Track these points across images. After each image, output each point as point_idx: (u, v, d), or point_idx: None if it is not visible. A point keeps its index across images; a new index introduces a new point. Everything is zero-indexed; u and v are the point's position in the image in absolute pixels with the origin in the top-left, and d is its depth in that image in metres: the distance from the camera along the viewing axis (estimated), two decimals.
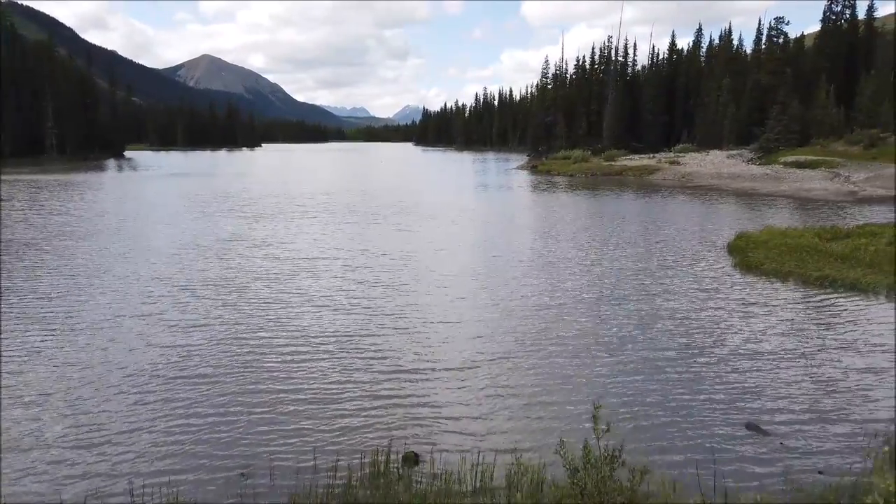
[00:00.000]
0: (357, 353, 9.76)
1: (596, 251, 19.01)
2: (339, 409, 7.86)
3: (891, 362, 9.50)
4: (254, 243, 19.99)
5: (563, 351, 9.92)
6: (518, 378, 8.90)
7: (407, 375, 8.96)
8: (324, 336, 10.59)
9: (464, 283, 14.52)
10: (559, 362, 9.44)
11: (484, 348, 10.04)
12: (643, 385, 8.72)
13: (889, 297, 13.39)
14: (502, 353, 9.83)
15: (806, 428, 7.48)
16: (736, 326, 11.33)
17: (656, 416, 7.83)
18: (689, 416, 7.87)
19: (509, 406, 8.02)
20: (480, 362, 9.44)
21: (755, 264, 16.17)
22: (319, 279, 14.84)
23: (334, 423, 7.49)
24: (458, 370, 9.17)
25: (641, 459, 6.75)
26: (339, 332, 10.78)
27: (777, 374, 9.11)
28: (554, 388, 8.56)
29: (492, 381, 8.76)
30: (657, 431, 7.45)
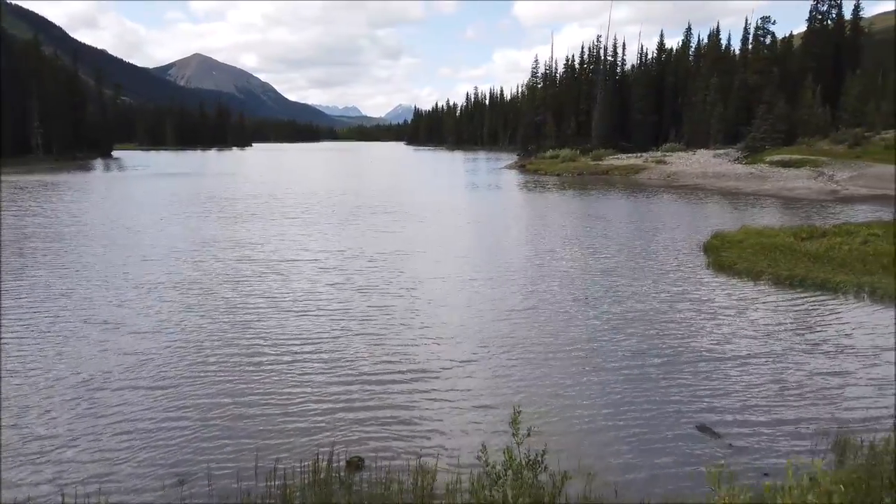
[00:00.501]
0: (315, 359, 9.63)
1: (572, 252, 18.96)
2: (290, 415, 7.75)
3: (857, 365, 9.46)
4: (228, 245, 19.83)
5: (525, 355, 9.81)
6: (476, 383, 8.81)
7: (363, 380, 8.85)
8: (283, 341, 10.45)
9: (435, 285, 14.38)
10: (519, 367, 9.34)
11: (446, 353, 9.92)
12: (599, 388, 8.66)
13: (858, 296, 13.41)
14: (464, 357, 9.69)
15: (759, 430, 7.44)
16: (700, 328, 11.31)
17: (609, 419, 7.77)
18: (642, 418, 7.81)
19: (463, 411, 7.93)
20: (439, 367, 9.34)
21: (727, 264, 16.17)
22: (289, 282, 14.70)
23: (282, 429, 7.39)
24: (416, 375, 9.08)
25: (588, 462, 6.74)
26: (300, 337, 10.64)
27: (737, 375, 9.07)
28: (510, 392, 8.47)
29: (450, 386, 8.67)
30: (608, 434, 7.39)
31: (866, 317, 11.97)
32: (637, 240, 21.41)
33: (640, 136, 79.77)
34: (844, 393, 8.44)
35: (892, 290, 13.34)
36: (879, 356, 9.74)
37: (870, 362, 9.51)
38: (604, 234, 22.47)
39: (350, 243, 20.10)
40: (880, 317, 11.94)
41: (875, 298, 13.14)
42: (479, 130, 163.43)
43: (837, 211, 29.13)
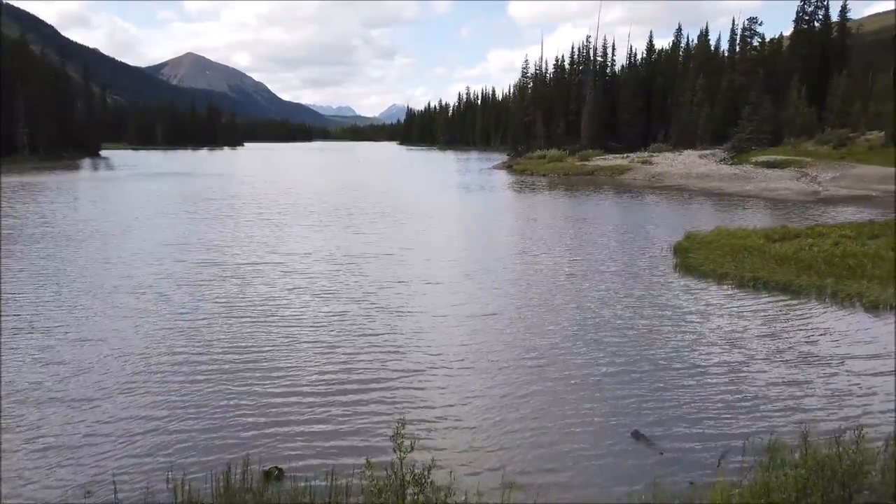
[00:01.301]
0: (255, 368, 9.32)
1: (544, 255, 18.76)
2: (217, 427, 7.51)
3: (815, 374, 9.29)
4: (193, 247, 19.59)
5: (475, 364, 9.49)
6: (422, 394, 8.55)
7: (301, 392, 8.56)
8: (227, 350, 10.14)
9: (395, 290, 14.04)
10: (467, 377, 9.03)
11: (393, 363, 9.58)
12: (543, 398, 8.47)
13: (820, 299, 13.31)
14: (412, 367, 9.37)
15: (694, 438, 7.28)
16: (654, 332, 11.15)
17: (546, 425, 7.61)
18: (579, 424, 7.66)
19: (389, 422, 7.72)
20: (385, 378, 9.02)
21: (694, 266, 16.05)
22: (249, 286, 14.43)
23: (201, 440, 7.18)
24: (359, 386, 8.82)
25: (522, 468, 6.60)
26: (245, 345, 10.31)
27: (686, 384, 8.86)
28: (454, 404, 8.21)
29: (392, 397, 8.41)
30: (541, 440, 7.24)
31: (829, 322, 11.84)
32: (612, 241, 21.29)
33: (629, 136, 79.76)
34: (798, 404, 8.20)
35: (854, 291, 13.25)
36: (842, 364, 9.47)
37: (830, 371, 9.28)
38: (579, 236, 22.35)
39: (320, 246, 19.89)
40: (843, 322, 11.82)
41: (837, 301, 13.06)
42: (471, 131, 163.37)
43: (817, 212, 29.12)
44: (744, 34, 68.67)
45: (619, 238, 21.87)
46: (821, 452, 4.77)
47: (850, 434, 5.01)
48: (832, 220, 25.60)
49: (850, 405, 8.10)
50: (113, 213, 28.14)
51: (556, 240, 21.49)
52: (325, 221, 25.77)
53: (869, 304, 12.62)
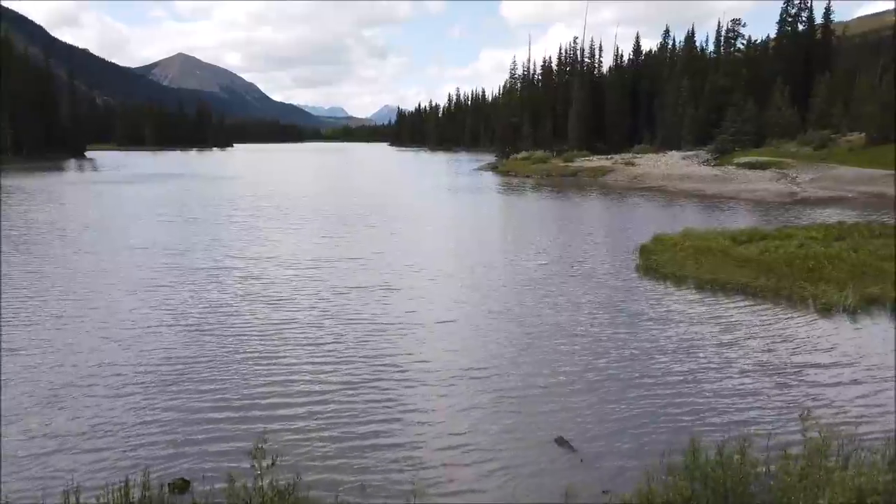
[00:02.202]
0: (186, 380, 9.02)
1: (510, 259, 18.56)
2: (121, 442, 7.30)
3: (759, 382, 9.18)
4: (153, 250, 19.36)
5: (418, 377, 9.17)
6: (358, 407, 8.31)
7: (231, 406, 8.32)
8: (161, 360, 9.88)
9: (350, 297, 13.64)
10: (404, 391, 8.70)
11: (334, 374, 9.25)
12: (470, 400, 8.35)
13: (775, 301, 13.24)
14: (350, 380, 9.00)
15: (617, 446, 7.14)
16: (607, 340, 10.88)
17: (476, 432, 7.47)
18: (505, 431, 7.52)
19: (325, 439, 7.52)
20: (318, 391, 8.67)
21: (656, 268, 15.96)
22: (202, 291, 14.13)
23: (110, 452, 7.00)
24: (291, 400, 8.52)
25: (434, 476, 6.44)
26: (181, 356, 9.96)
27: (625, 394, 8.67)
28: (385, 420, 7.98)
29: (325, 411, 8.17)
30: (465, 447, 7.10)
31: (783, 327, 11.74)
32: (583, 243, 21.19)
33: (616, 137, 79.88)
34: (744, 416, 8.03)
35: (809, 294, 13.19)
36: (795, 374, 9.29)
37: (780, 381, 9.13)
38: (551, 239, 22.22)
39: (283, 250, 19.63)
40: (798, 326, 11.72)
41: (791, 304, 12.99)
42: (461, 132, 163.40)
43: (791, 213, 29.16)
44: (728, 36, 68.86)
45: (589, 240, 21.78)
46: (713, 464, 4.64)
47: (750, 443, 4.89)
48: (805, 221, 25.64)
49: (792, 418, 7.98)
50: (77, 218, 27.83)
51: (527, 243, 21.36)
52: (296, 225, 25.57)
53: (822, 306, 12.56)
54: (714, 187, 38.98)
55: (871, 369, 9.46)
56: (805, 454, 4.46)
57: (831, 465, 4.43)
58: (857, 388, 8.79)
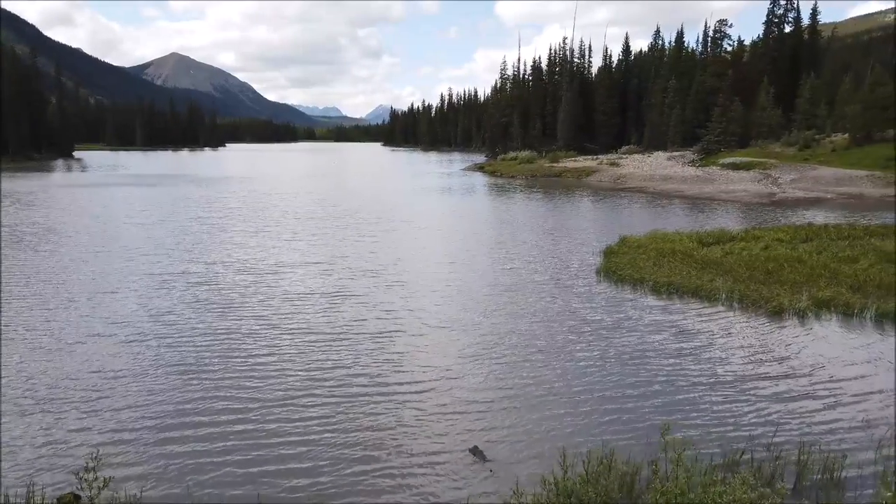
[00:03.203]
0: (116, 394, 8.82)
1: (474, 262, 18.31)
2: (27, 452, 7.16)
3: (695, 394, 9.07)
4: (117, 253, 19.13)
5: (345, 390, 8.87)
6: (272, 423, 8.21)
7: (139, 421, 8.19)
8: (91, 368, 9.74)
9: (300, 305, 13.21)
10: (325, 406, 8.39)
11: (264, 387, 8.92)
12: (383, 407, 8.19)
13: (728, 304, 13.13)
14: (279, 397, 8.53)
15: (531, 457, 6.97)
16: (557, 350, 10.62)
17: (390, 439, 7.32)
18: (419, 438, 7.37)
19: (226, 454, 7.38)
20: (239, 408, 8.45)
21: (615, 271, 15.84)
22: (155, 297, 13.87)
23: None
24: (203, 417, 8.46)
25: (338, 485, 6.29)
26: (109, 366, 9.79)
27: (560, 398, 8.54)
28: (300, 434, 7.81)
29: (230, 430, 8.06)
30: (379, 454, 6.95)
31: (732, 331, 11.65)
32: (551, 245, 21.03)
33: (605, 137, 79.89)
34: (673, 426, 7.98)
35: (761, 297, 13.09)
36: (739, 385, 9.16)
37: (712, 390, 8.98)
38: (522, 240, 22.03)
39: (246, 254, 19.42)
40: (744, 331, 11.62)
41: (743, 307, 12.88)
42: (454, 131, 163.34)
43: (765, 214, 29.10)
44: (714, 36, 68.90)
45: (559, 242, 21.63)
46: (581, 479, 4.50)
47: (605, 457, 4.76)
48: (778, 222, 25.56)
49: (732, 432, 7.85)
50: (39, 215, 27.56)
51: (497, 245, 21.19)
52: (266, 227, 25.36)
53: (772, 309, 12.46)
54: (694, 188, 38.92)
55: (791, 373, 9.35)
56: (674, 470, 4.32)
57: (698, 481, 4.30)
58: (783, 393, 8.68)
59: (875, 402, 8.37)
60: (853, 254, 17.02)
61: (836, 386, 8.94)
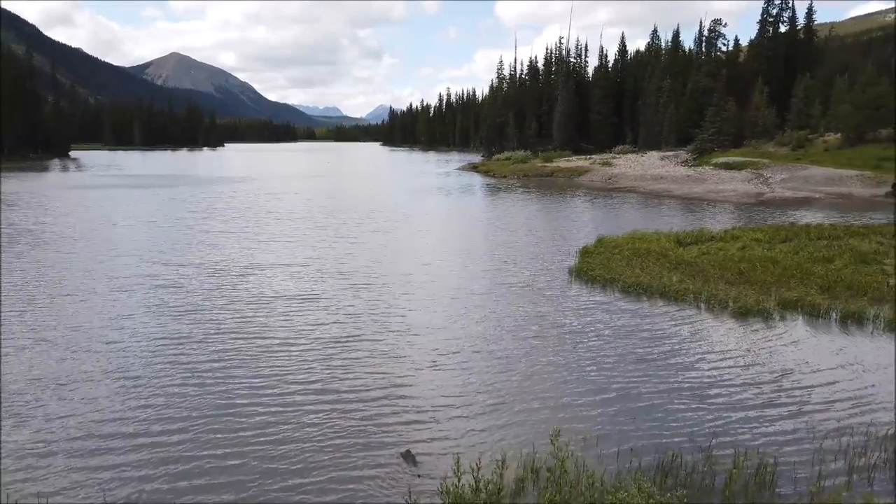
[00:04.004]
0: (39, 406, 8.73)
1: (455, 264, 18.11)
2: None
3: (647, 396, 8.96)
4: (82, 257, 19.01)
5: (291, 399, 8.68)
6: (183, 437, 8.10)
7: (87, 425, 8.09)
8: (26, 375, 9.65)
9: (258, 308, 12.95)
10: (258, 408, 8.38)
11: (194, 399, 8.71)
12: (324, 416, 8.07)
13: (696, 306, 13.00)
14: (217, 405, 8.36)
15: (463, 462, 6.84)
16: (518, 355, 10.47)
17: (326, 445, 7.20)
18: (354, 444, 7.25)
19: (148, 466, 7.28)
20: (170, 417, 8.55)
21: (587, 271, 15.71)
22: (113, 301, 13.69)
23: None
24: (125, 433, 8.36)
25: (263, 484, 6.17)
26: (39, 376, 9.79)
27: (504, 403, 8.42)
28: (217, 442, 7.72)
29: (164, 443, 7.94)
30: (316, 461, 6.83)
31: (697, 332, 11.52)
32: (531, 245, 20.88)
33: (600, 137, 79.72)
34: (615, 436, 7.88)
35: (727, 297, 12.97)
36: (693, 389, 9.07)
37: (669, 399, 8.90)
38: (500, 242, 21.86)
39: (219, 256, 19.24)
40: (706, 332, 11.49)
41: (711, 307, 12.75)
42: (452, 131, 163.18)
43: (752, 214, 28.96)
44: (709, 36, 68.71)
45: (539, 243, 21.47)
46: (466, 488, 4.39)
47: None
48: (763, 222, 25.41)
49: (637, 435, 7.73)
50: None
51: (475, 247, 21.06)
52: (243, 229, 25.25)
53: (737, 310, 12.33)
54: (684, 188, 38.77)
55: (742, 375, 9.23)
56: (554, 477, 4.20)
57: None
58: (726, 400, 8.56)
59: (839, 409, 8.26)
60: (829, 254, 16.93)
61: (790, 390, 8.82)
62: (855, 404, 8.27)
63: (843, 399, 8.45)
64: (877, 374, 9.34)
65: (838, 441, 7.20)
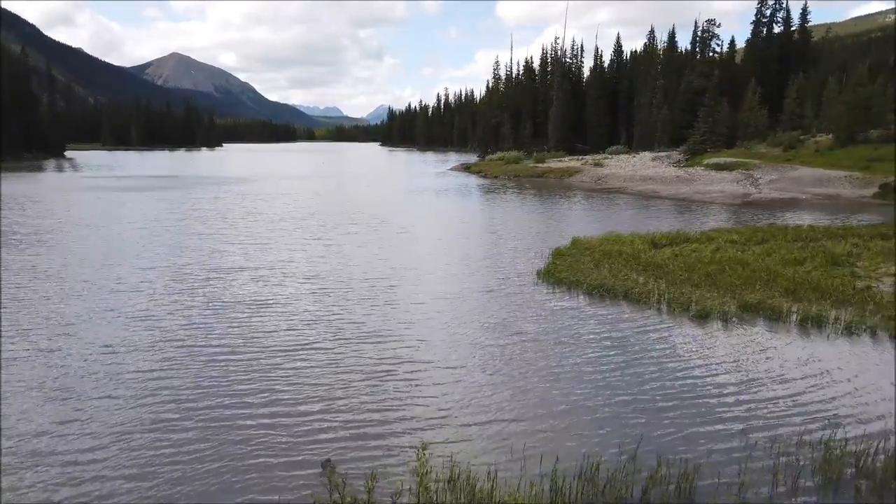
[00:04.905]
0: None
1: (418, 264, 17.99)
2: None
3: (589, 410, 8.81)
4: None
5: (231, 409, 8.66)
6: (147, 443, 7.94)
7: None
8: None
9: (221, 311, 12.74)
10: (198, 432, 8.18)
11: (123, 405, 8.76)
12: (251, 432, 7.90)
13: (656, 308, 12.85)
14: (147, 419, 8.36)
15: (383, 473, 6.69)
16: (456, 354, 10.34)
17: (250, 454, 7.05)
18: (273, 451, 7.11)
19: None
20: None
21: (554, 273, 15.57)
22: (62, 306, 13.63)
23: None
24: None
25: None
26: None
27: (441, 416, 8.25)
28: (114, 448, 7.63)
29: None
30: (232, 470, 6.69)
31: (652, 336, 11.36)
32: (505, 246, 20.74)
33: (595, 138, 79.57)
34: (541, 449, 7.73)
35: (688, 301, 12.81)
36: (633, 395, 8.92)
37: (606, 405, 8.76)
38: (476, 243, 21.75)
39: (185, 259, 19.09)
40: (666, 335, 11.33)
41: (671, 310, 12.59)
42: (450, 131, 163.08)
43: (736, 215, 28.78)
44: (703, 36, 68.53)
45: (516, 243, 21.32)
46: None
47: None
48: (746, 223, 25.25)
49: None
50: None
51: (448, 248, 20.91)
52: (218, 231, 25.12)
53: (697, 313, 12.18)
54: (671, 189, 38.61)
55: (687, 380, 9.08)
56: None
57: None
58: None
59: (776, 417, 8.11)
60: (801, 256, 16.79)
61: (731, 395, 8.68)
62: (795, 413, 8.11)
63: (783, 406, 8.29)
64: (819, 378, 9.20)
65: (769, 451, 7.05)
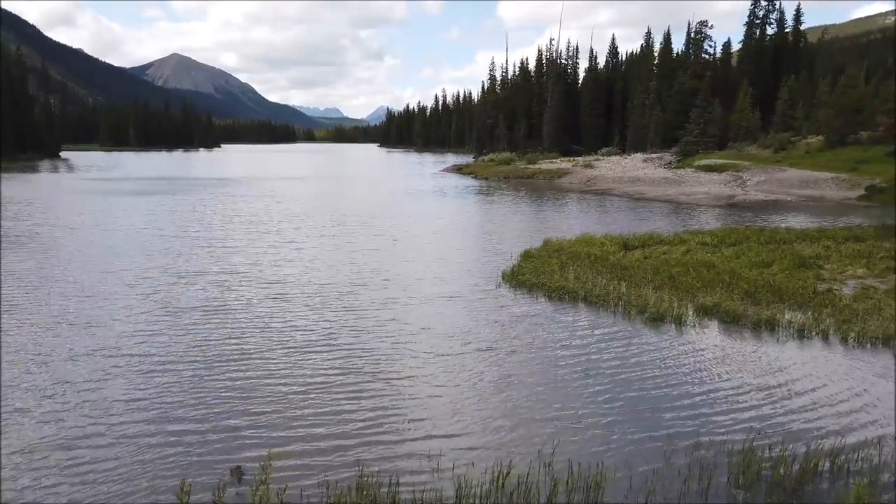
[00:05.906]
0: None
1: (383, 268, 17.89)
2: None
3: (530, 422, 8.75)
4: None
5: (160, 417, 8.71)
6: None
7: None
8: None
9: (179, 316, 12.52)
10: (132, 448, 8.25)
11: (59, 411, 8.75)
12: (171, 449, 7.86)
13: (612, 309, 12.79)
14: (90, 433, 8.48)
15: (297, 478, 6.62)
16: (405, 362, 10.17)
17: (170, 460, 6.99)
18: (187, 456, 7.05)
19: None
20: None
21: (517, 275, 15.50)
22: (19, 312, 13.60)
23: None
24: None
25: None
26: None
27: (380, 427, 8.24)
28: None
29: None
30: (158, 474, 6.63)
31: (596, 340, 11.30)
32: (478, 248, 20.70)
33: (590, 139, 79.57)
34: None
35: (643, 303, 12.74)
36: (576, 397, 8.86)
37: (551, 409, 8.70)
38: (452, 246, 21.55)
39: (154, 262, 19.01)
40: (621, 339, 11.25)
41: (627, 312, 12.52)
42: (447, 132, 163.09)
43: (718, 217, 28.70)
44: (696, 38, 68.46)
45: (488, 245, 21.24)
46: None
47: None
48: (725, 225, 25.17)
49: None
50: None
51: (424, 250, 20.78)
52: (193, 233, 25.06)
53: (651, 316, 12.11)
54: (657, 190, 38.54)
55: (631, 388, 9.01)
56: None
57: None
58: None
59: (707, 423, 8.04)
60: (769, 258, 16.73)
61: (672, 399, 8.61)
62: (732, 420, 8.04)
63: (724, 412, 8.22)
64: (761, 378, 9.13)
65: (693, 456, 6.98)
